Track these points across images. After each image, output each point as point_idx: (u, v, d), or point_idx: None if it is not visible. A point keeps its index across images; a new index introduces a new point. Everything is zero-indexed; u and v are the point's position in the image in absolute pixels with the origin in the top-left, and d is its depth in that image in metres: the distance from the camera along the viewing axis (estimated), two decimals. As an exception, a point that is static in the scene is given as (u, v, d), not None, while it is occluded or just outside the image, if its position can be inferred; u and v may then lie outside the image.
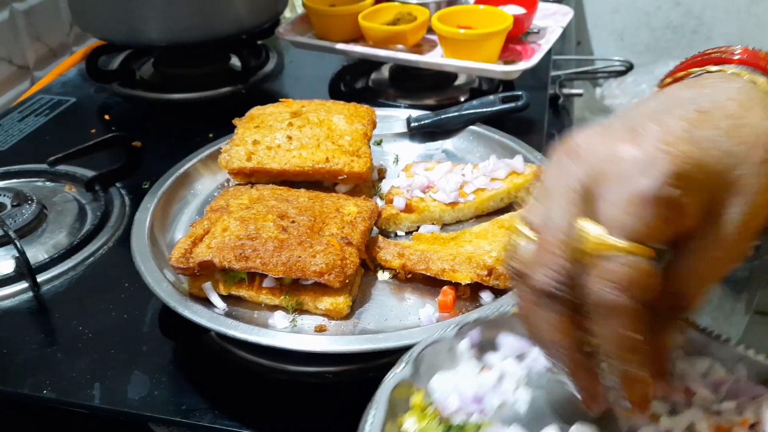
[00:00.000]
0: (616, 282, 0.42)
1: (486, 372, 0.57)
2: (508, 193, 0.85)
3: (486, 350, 0.59)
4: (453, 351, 0.57)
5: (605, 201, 0.43)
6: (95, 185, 1.03)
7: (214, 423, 0.70)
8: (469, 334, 0.58)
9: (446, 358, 0.57)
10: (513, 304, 0.59)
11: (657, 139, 0.43)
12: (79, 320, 0.82)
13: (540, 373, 0.58)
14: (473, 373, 0.57)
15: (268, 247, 0.70)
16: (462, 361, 0.57)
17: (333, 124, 0.89)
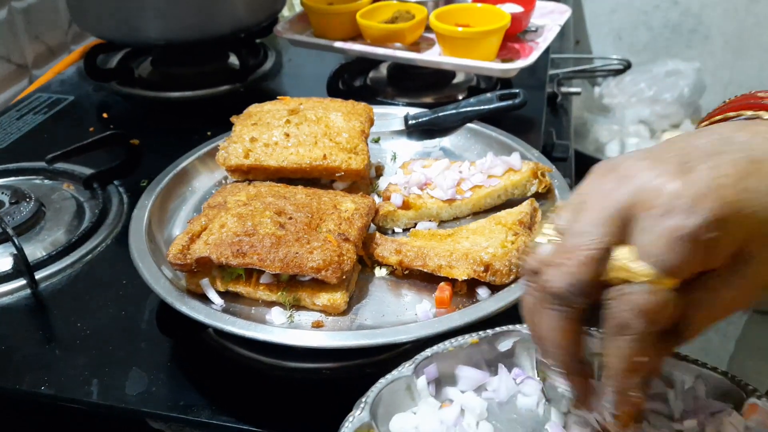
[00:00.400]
0: (638, 308, 0.44)
1: (446, 408, 0.57)
2: (505, 190, 0.85)
3: (445, 384, 0.59)
4: (411, 389, 0.57)
5: (643, 229, 0.44)
6: (93, 183, 1.03)
7: (211, 419, 0.70)
8: (426, 371, 0.58)
9: (405, 397, 0.57)
10: (471, 335, 0.60)
11: (707, 181, 0.44)
12: (77, 317, 0.82)
13: (501, 404, 0.58)
14: (433, 410, 0.56)
15: (266, 244, 0.70)
16: (421, 399, 0.57)
17: (330, 121, 0.89)
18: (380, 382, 0.56)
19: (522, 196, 0.85)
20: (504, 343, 0.60)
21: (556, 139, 1.23)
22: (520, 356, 0.61)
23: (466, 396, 0.58)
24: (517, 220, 0.77)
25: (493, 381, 0.59)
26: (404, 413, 0.56)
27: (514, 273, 0.70)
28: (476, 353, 0.60)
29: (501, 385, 0.59)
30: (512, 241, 0.73)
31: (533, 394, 0.59)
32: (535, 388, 0.59)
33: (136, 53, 1.48)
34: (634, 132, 2.18)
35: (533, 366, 0.61)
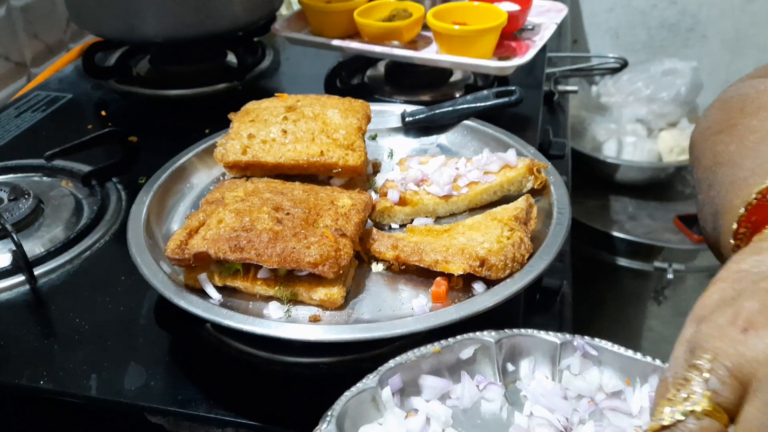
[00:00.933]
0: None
1: (412, 417, 0.57)
2: (501, 186, 0.85)
3: (410, 394, 0.60)
4: (376, 400, 0.58)
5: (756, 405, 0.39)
6: (92, 180, 1.03)
7: (209, 413, 0.71)
8: (390, 382, 0.58)
9: (370, 409, 0.58)
10: (432, 345, 0.60)
11: None
12: (75, 313, 0.83)
13: (466, 410, 0.60)
14: (399, 421, 0.57)
15: (263, 239, 0.71)
16: (386, 410, 0.58)
17: (328, 118, 0.90)
18: (345, 394, 0.56)
19: (518, 192, 0.86)
20: (465, 351, 0.61)
21: (552, 137, 1.23)
22: (481, 363, 0.62)
23: (430, 405, 0.59)
24: (512, 215, 0.77)
25: (457, 388, 0.61)
26: (371, 425, 0.57)
27: (510, 268, 0.71)
28: (438, 362, 0.61)
29: (464, 392, 0.60)
30: (508, 237, 0.74)
31: (496, 399, 0.60)
32: (498, 393, 0.60)
33: (135, 51, 1.49)
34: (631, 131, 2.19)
35: (494, 372, 0.62)
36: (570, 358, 0.62)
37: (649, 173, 2.16)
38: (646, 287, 2.12)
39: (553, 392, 0.60)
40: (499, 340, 0.62)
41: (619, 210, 2.16)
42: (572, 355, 0.62)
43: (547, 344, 0.62)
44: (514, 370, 0.63)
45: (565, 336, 0.62)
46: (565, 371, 0.62)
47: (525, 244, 0.73)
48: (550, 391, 0.60)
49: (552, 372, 0.62)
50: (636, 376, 0.60)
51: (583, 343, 0.61)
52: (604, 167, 2.14)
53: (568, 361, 0.62)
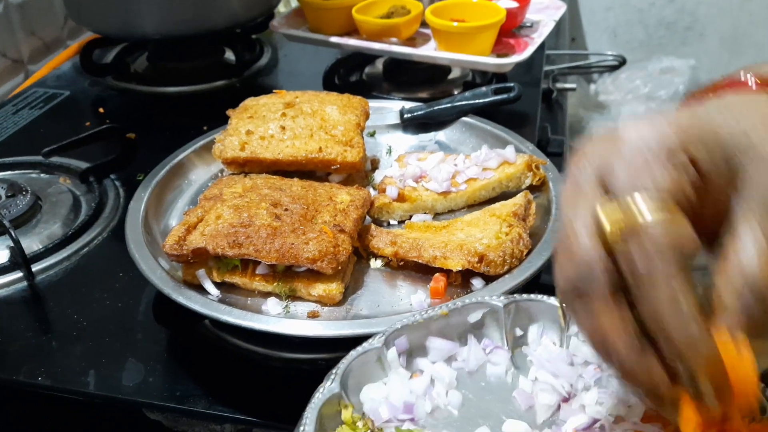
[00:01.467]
0: (655, 247, 0.39)
1: (416, 378, 0.57)
2: (500, 182, 0.85)
3: (416, 355, 0.60)
4: (381, 360, 0.58)
5: (616, 176, 0.42)
6: (89, 177, 1.03)
7: (208, 409, 0.71)
8: (396, 343, 0.58)
9: (375, 368, 0.58)
10: (440, 307, 0.61)
11: (663, 118, 0.43)
12: (73, 309, 0.82)
13: (471, 373, 0.59)
14: (403, 381, 0.57)
15: (262, 235, 0.71)
16: (391, 370, 0.58)
17: (326, 114, 0.90)
18: (351, 354, 0.56)
19: (516, 188, 0.86)
20: (473, 315, 0.61)
21: (551, 135, 1.23)
22: (489, 327, 0.62)
23: (436, 366, 0.59)
24: (511, 211, 0.77)
25: (463, 351, 0.60)
26: (374, 384, 0.57)
27: (508, 264, 0.71)
28: (446, 325, 0.61)
29: (470, 355, 0.60)
30: (506, 233, 0.74)
31: (502, 363, 0.60)
32: (504, 358, 0.60)
33: (132, 48, 1.48)
34: (629, 129, 2.19)
35: (502, 336, 0.62)
36: None
37: (646, 171, 2.16)
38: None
39: (559, 358, 0.59)
40: (507, 305, 0.61)
41: (617, 207, 2.16)
42: None
43: (555, 310, 0.62)
44: (523, 335, 0.62)
45: None
46: (573, 337, 0.61)
47: (524, 240, 0.73)
48: (556, 356, 0.60)
49: (560, 338, 0.62)
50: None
51: None
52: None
53: (577, 327, 0.61)
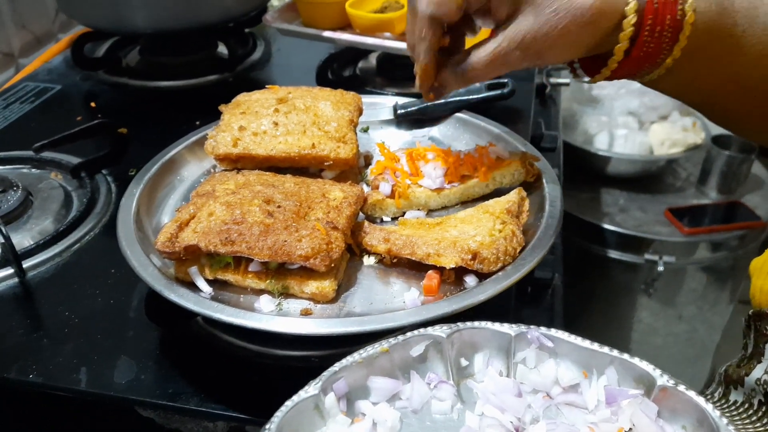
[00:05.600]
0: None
1: (357, 423, 0.55)
2: (494, 179, 0.85)
3: (357, 398, 0.57)
4: (320, 408, 0.54)
5: None
6: (81, 172, 1.02)
7: (200, 406, 0.71)
8: (334, 387, 0.55)
9: (313, 417, 0.54)
10: (381, 344, 0.58)
11: None
12: (65, 306, 0.82)
13: (416, 412, 0.57)
14: (343, 428, 0.54)
15: (254, 232, 0.70)
16: (330, 418, 0.55)
17: (319, 110, 0.89)
18: (286, 405, 0.53)
19: (510, 185, 0.86)
20: (415, 348, 0.59)
21: (544, 130, 1.23)
22: (433, 360, 0.59)
23: (377, 408, 0.56)
24: (504, 208, 0.77)
25: (406, 389, 0.58)
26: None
27: (502, 261, 0.70)
28: (388, 361, 0.58)
29: (413, 392, 0.57)
30: (500, 230, 0.74)
31: (447, 399, 0.58)
32: (449, 393, 0.58)
33: (124, 42, 1.47)
34: (622, 123, 2.19)
35: (447, 369, 0.59)
36: (525, 351, 0.59)
37: (640, 166, 2.16)
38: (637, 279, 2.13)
39: (505, 389, 0.57)
40: (450, 335, 0.59)
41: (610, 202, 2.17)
42: (527, 348, 0.59)
43: (500, 337, 0.60)
44: (468, 365, 0.60)
45: (519, 327, 0.59)
46: (520, 365, 0.59)
47: (517, 237, 0.73)
48: (502, 388, 0.57)
49: (507, 366, 0.60)
50: (593, 368, 0.58)
51: (538, 335, 0.59)
52: (595, 160, 2.15)
53: (524, 354, 0.59)
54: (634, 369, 0.56)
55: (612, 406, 0.56)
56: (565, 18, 0.65)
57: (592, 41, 0.67)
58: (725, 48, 0.68)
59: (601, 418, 0.55)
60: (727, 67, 0.70)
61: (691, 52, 0.68)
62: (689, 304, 2.18)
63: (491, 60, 0.70)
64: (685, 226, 1.98)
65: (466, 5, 0.70)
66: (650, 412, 0.53)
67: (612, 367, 0.57)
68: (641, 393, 0.55)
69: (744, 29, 0.68)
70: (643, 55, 0.68)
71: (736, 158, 2.06)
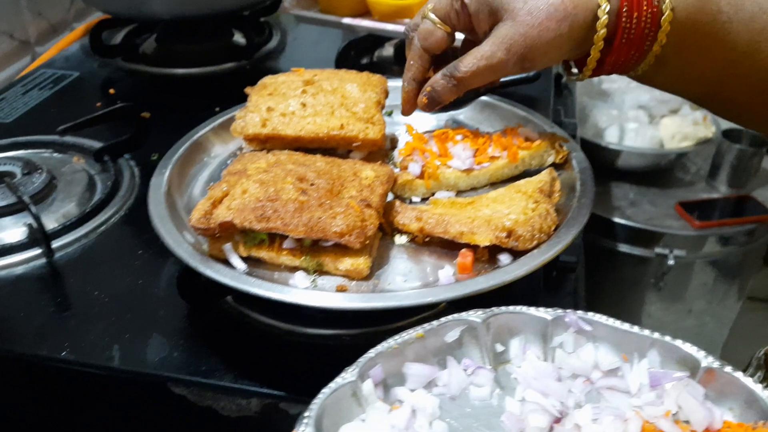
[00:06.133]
0: (419, 32, 0.79)
1: (396, 410, 0.53)
2: (523, 160, 0.85)
3: (393, 384, 0.56)
4: (357, 395, 0.53)
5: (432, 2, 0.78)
6: (104, 156, 1.02)
7: (234, 383, 0.70)
8: (371, 373, 0.54)
9: (351, 405, 0.53)
10: (415, 329, 0.57)
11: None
12: (93, 286, 0.82)
13: (454, 398, 0.56)
14: (382, 415, 0.53)
15: (289, 209, 0.70)
16: (368, 405, 0.54)
17: (346, 92, 0.89)
18: (323, 392, 0.52)
19: (539, 166, 0.86)
20: (450, 334, 0.58)
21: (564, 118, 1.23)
22: (468, 345, 0.59)
23: (416, 395, 0.55)
24: (537, 188, 0.77)
25: (443, 375, 0.57)
26: (352, 422, 0.53)
27: (537, 239, 0.70)
28: (423, 348, 0.57)
29: (451, 378, 0.56)
30: (533, 209, 0.73)
31: (486, 384, 0.57)
32: (487, 378, 0.57)
33: (141, 30, 1.47)
34: (633, 117, 2.19)
35: (482, 355, 0.58)
36: (563, 335, 0.58)
37: (650, 160, 2.16)
38: (646, 273, 2.13)
39: (546, 374, 0.56)
40: (486, 319, 0.58)
41: (620, 196, 2.16)
42: (565, 332, 0.58)
43: (537, 321, 0.59)
44: (504, 350, 0.59)
45: (556, 311, 0.59)
46: (558, 349, 0.58)
47: (551, 216, 0.73)
48: (543, 372, 0.56)
49: (543, 351, 0.59)
50: (633, 352, 0.57)
51: (576, 319, 0.58)
52: (605, 153, 2.14)
53: (561, 338, 0.58)
54: (676, 351, 0.56)
55: (656, 389, 0.55)
56: (540, 16, 0.68)
57: (573, 37, 0.69)
58: (711, 36, 0.68)
59: (645, 401, 0.54)
60: (717, 57, 0.70)
61: (677, 41, 0.68)
62: (699, 299, 2.18)
63: (478, 64, 0.74)
64: (695, 220, 1.98)
65: (452, 29, 0.78)
66: (697, 394, 0.53)
67: (654, 350, 0.56)
68: (687, 375, 0.54)
69: (729, 17, 0.68)
70: (626, 42, 0.68)
71: (747, 152, 2.06)
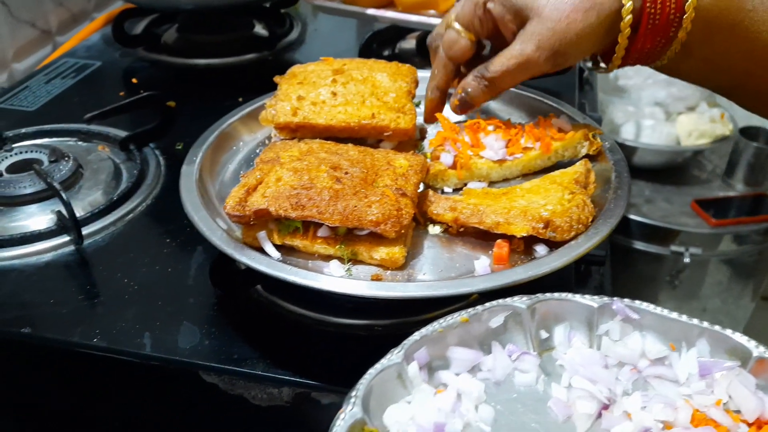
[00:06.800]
0: (443, 41, 0.83)
1: (441, 394, 0.53)
2: (556, 151, 0.84)
3: (437, 368, 0.56)
4: (402, 377, 0.53)
5: (457, 8, 0.81)
6: (130, 144, 1.02)
7: (267, 371, 0.70)
8: (416, 356, 0.54)
9: (396, 386, 0.53)
10: (460, 314, 0.57)
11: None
12: (123, 273, 0.82)
13: (498, 384, 0.56)
14: (428, 398, 0.53)
15: (324, 197, 0.70)
16: (414, 387, 0.54)
17: (377, 81, 0.88)
18: (369, 372, 0.52)
19: (572, 158, 0.85)
20: (495, 319, 0.57)
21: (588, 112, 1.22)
22: (512, 331, 0.58)
23: (461, 379, 0.54)
24: (573, 179, 0.76)
25: (488, 360, 0.57)
26: (398, 404, 0.53)
27: (575, 230, 0.70)
28: (467, 332, 0.57)
29: (496, 363, 0.56)
30: (569, 200, 0.73)
31: (531, 370, 0.56)
32: (533, 364, 0.56)
33: (162, 20, 1.47)
34: (649, 114, 2.17)
35: (527, 341, 0.58)
36: (609, 323, 0.58)
37: (666, 157, 2.15)
38: (661, 271, 2.12)
39: (593, 361, 0.56)
40: (531, 306, 0.58)
41: (636, 193, 2.15)
42: (611, 320, 0.58)
43: (583, 308, 0.58)
44: (548, 337, 0.59)
45: (602, 299, 0.58)
46: (604, 337, 0.58)
47: (588, 207, 0.72)
48: (589, 359, 0.56)
49: (589, 339, 0.58)
50: (681, 340, 0.56)
51: (623, 306, 0.57)
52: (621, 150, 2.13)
53: (607, 326, 0.58)
54: (726, 341, 0.55)
55: (705, 379, 0.54)
56: (565, 9, 0.70)
57: (601, 26, 0.70)
58: (736, 25, 0.68)
59: (695, 390, 0.54)
60: (742, 46, 0.69)
61: (702, 28, 0.68)
62: (713, 297, 2.16)
63: (508, 64, 0.76)
64: (711, 218, 1.97)
65: (476, 36, 0.80)
66: (749, 384, 0.52)
67: (703, 339, 0.56)
68: (738, 365, 0.54)
69: (754, 5, 0.67)
70: (651, 28, 0.69)
71: (764, 150, 2.04)
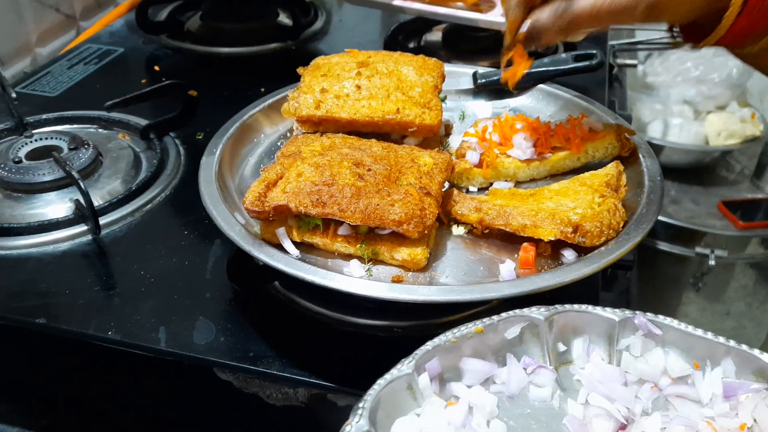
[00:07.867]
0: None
1: (452, 407, 0.51)
2: (586, 152, 0.82)
3: (449, 379, 0.54)
4: (412, 388, 0.51)
5: None
6: (150, 133, 1.01)
7: (282, 371, 0.68)
8: (427, 367, 0.52)
9: (406, 398, 0.51)
10: (474, 323, 0.55)
11: None
12: (140, 265, 0.80)
13: (512, 398, 0.53)
14: (438, 410, 0.51)
15: (346, 194, 0.68)
16: (424, 399, 0.51)
17: (402, 75, 0.86)
18: (378, 383, 0.50)
19: (602, 159, 0.82)
20: (511, 330, 0.55)
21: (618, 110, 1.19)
22: (528, 343, 0.56)
23: (473, 392, 0.52)
24: (603, 181, 0.74)
25: (502, 372, 0.54)
26: (407, 416, 0.51)
27: (606, 235, 0.67)
28: (481, 343, 0.55)
29: (510, 376, 0.54)
30: (599, 203, 0.70)
31: (546, 385, 0.54)
32: (549, 378, 0.54)
33: (185, 7, 1.45)
34: (677, 112, 2.12)
35: (543, 354, 0.56)
36: (630, 338, 0.56)
37: (694, 156, 2.10)
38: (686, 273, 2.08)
39: (612, 377, 0.54)
40: (549, 317, 0.55)
41: (662, 193, 2.11)
42: (632, 335, 0.56)
43: (603, 321, 0.56)
44: (566, 350, 0.56)
45: (624, 312, 0.56)
46: (625, 352, 0.56)
47: (619, 211, 0.69)
48: (609, 375, 0.54)
49: (609, 353, 0.56)
50: (705, 359, 0.54)
51: (646, 321, 0.55)
52: (649, 149, 2.09)
53: (628, 341, 0.56)
54: (753, 361, 0.53)
55: (730, 400, 0.52)
56: None
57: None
58: None
59: (718, 412, 0.51)
60: None
61: None
62: (738, 301, 2.12)
63: (604, 4, 0.62)
64: (739, 220, 1.93)
65: None
66: None
67: (728, 358, 0.53)
68: (765, 387, 0.51)
69: None
70: (760, 8, 0.61)
71: (796, 152, 2.00)
